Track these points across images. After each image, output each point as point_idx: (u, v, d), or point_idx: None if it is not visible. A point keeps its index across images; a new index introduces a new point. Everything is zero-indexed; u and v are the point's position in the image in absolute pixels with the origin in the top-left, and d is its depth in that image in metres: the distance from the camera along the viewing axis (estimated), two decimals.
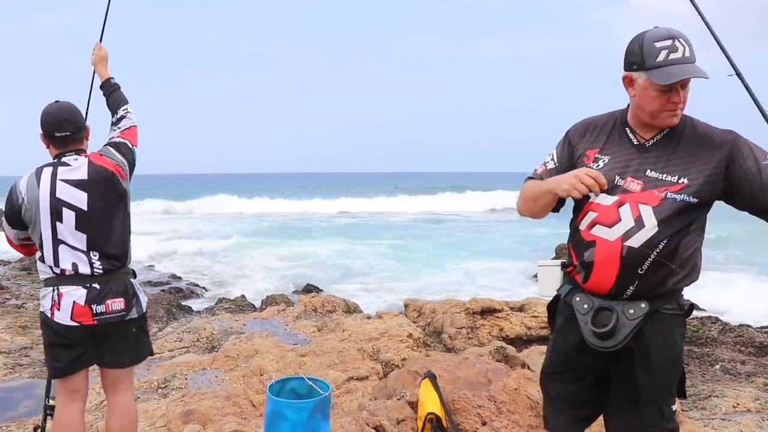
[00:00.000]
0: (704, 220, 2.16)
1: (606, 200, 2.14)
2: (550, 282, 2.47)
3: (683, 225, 2.08)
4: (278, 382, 2.87)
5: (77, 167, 2.96)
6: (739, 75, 2.28)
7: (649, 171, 2.12)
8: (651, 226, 2.07)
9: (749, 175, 2.01)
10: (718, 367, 6.99)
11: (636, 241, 2.08)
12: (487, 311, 7.50)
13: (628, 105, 2.23)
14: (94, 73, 3.55)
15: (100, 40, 3.63)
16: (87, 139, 3.14)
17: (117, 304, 2.94)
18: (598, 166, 2.19)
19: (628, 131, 2.22)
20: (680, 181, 2.07)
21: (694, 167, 2.08)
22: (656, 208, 2.07)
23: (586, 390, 2.35)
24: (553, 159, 2.36)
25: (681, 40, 2.03)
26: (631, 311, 2.12)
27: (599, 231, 2.14)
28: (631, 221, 2.08)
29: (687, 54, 2.02)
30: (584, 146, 2.27)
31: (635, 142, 2.19)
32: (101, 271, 2.93)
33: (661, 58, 2.03)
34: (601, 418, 2.41)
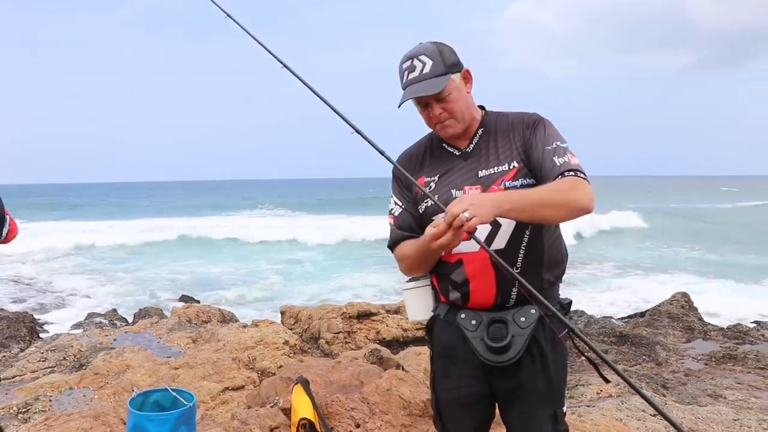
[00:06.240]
0: None
1: None
2: (423, 305, 2.29)
3: None
4: (140, 395, 2.79)
5: None
6: (359, 132, 2.22)
7: (480, 172, 2.08)
8: (507, 222, 2.00)
9: (534, 148, 2.06)
10: (584, 357, 7.44)
11: (500, 242, 2.02)
12: (364, 315, 7.61)
13: None
14: None
15: None
16: None
17: None
18: (431, 188, 2.12)
19: (446, 146, 2.18)
20: (511, 167, 2.06)
21: (515, 150, 2.08)
22: None
23: (481, 411, 2.25)
24: (396, 203, 2.25)
25: (421, 56, 2.04)
26: (523, 319, 2.04)
27: (460, 247, 1.98)
28: (486, 225, 1.95)
29: (425, 71, 2.03)
30: (413, 177, 2.16)
31: (457, 153, 2.16)
32: None
33: (404, 79, 2.07)
34: None
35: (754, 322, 10.00)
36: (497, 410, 2.29)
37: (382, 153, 2.21)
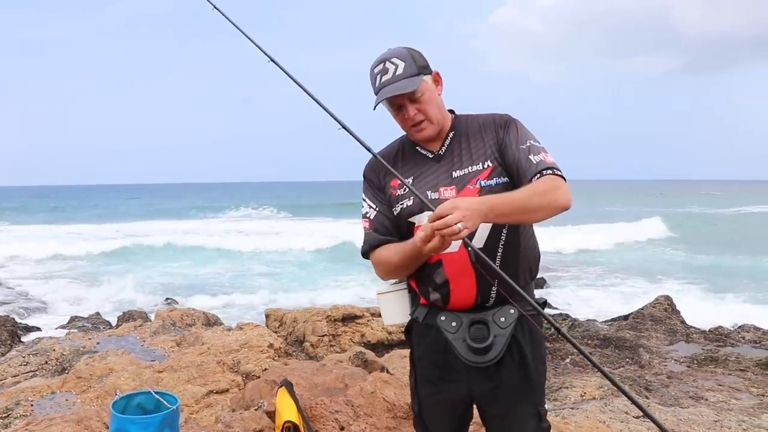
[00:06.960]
0: None
1: None
2: (400, 309, 2.30)
3: None
4: (123, 399, 2.77)
5: None
6: (345, 128, 2.25)
7: (454, 173, 2.11)
8: None
9: (508, 148, 2.10)
10: (568, 360, 7.49)
11: (478, 242, 2.03)
12: (349, 318, 7.62)
13: None
14: None
15: None
16: None
17: None
18: (405, 190, 2.14)
19: (419, 148, 2.21)
20: (486, 166, 2.09)
21: (489, 149, 2.12)
22: None
23: (463, 412, 2.28)
24: (370, 207, 2.25)
25: (393, 59, 2.08)
26: (502, 319, 2.06)
27: None
28: None
29: (398, 72, 2.06)
30: (387, 179, 2.22)
31: (430, 156, 2.18)
32: None
33: (377, 83, 2.10)
34: None
35: (735, 324, 10.09)
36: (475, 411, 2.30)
37: (369, 149, 2.24)
